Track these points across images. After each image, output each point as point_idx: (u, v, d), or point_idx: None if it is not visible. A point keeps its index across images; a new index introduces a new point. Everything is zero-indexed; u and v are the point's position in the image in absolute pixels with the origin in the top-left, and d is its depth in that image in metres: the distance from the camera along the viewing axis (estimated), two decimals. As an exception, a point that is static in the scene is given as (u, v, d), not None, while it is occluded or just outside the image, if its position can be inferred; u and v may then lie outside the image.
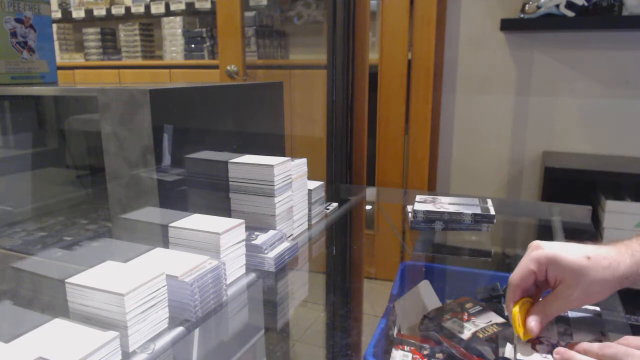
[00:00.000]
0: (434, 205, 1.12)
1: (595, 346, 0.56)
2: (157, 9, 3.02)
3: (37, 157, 1.27)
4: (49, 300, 0.63)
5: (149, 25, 3.22)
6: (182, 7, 2.96)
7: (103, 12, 3.20)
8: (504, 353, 0.62)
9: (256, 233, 0.89)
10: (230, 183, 0.94)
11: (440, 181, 2.35)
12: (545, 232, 1.22)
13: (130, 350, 0.60)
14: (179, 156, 0.93)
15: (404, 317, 0.71)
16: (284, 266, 0.88)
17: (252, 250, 0.85)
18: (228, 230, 0.77)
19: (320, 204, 1.13)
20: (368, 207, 1.51)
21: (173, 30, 3.02)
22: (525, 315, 0.61)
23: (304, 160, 1.02)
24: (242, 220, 0.81)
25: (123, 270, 0.64)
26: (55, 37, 3.34)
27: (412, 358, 0.62)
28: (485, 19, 2.12)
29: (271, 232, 0.90)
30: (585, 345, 0.57)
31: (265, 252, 0.86)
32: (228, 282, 0.78)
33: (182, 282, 0.66)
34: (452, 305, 0.71)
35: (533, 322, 0.60)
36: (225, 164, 0.94)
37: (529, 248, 0.64)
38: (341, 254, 1.13)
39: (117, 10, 3.14)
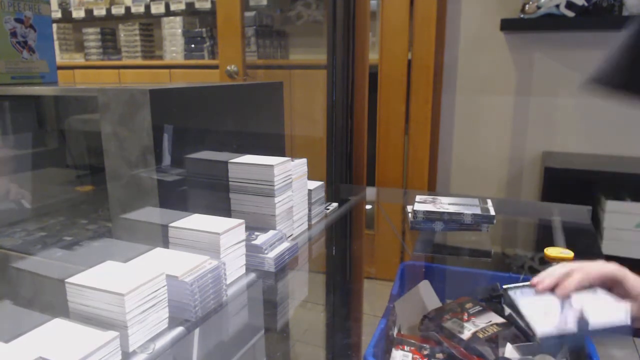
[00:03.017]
0: (434, 205, 1.12)
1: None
2: (157, 9, 3.02)
3: (37, 157, 1.27)
4: (49, 300, 0.63)
5: (149, 25, 3.22)
6: (182, 7, 2.96)
7: (103, 12, 3.20)
8: (504, 353, 0.62)
9: (256, 233, 0.89)
10: (230, 183, 0.94)
11: (440, 181, 2.35)
12: (545, 232, 1.22)
13: (130, 350, 0.60)
14: (179, 156, 0.93)
15: (404, 317, 0.71)
16: (284, 266, 0.88)
17: (252, 251, 0.85)
18: (228, 231, 0.77)
19: (320, 204, 1.13)
20: (368, 207, 1.51)
21: (173, 30, 3.02)
22: None
23: (304, 160, 1.02)
24: (242, 221, 0.81)
25: (123, 270, 0.64)
26: (55, 37, 3.33)
27: (412, 358, 0.62)
28: (485, 19, 2.12)
29: (271, 232, 0.90)
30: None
31: (265, 252, 0.86)
32: (228, 282, 0.78)
33: (182, 282, 0.66)
34: (452, 305, 0.71)
35: None
36: (225, 164, 0.94)
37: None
38: (341, 254, 1.13)
39: (117, 10, 3.14)
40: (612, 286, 0.65)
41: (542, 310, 0.61)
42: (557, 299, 0.63)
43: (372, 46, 2.35)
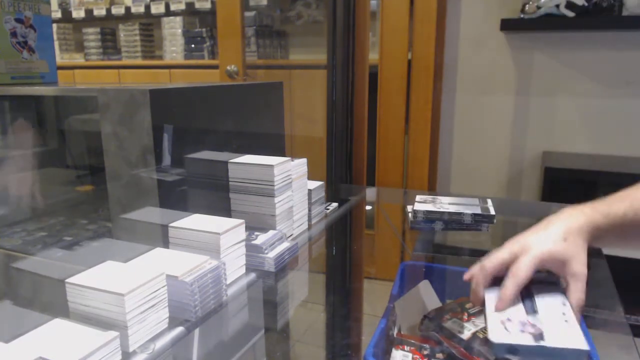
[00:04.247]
0: (434, 205, 1.12)
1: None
2: (157, 9, 3.02)
3: (37, 157, 1.27)
4: (49, 300, 0.63)
5: (149, 25, 3.22)
6: (182, 7, 2.96)
7: (103, 12, 3.20)
8: (504, 353, 0.62)
9: (256, 233, 0.89)
10: (230, 183, 0.94)
11: (440, 181, 2.35)
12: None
13: (130, 350, 0.60)
14: (179, 156, 0.93)
15: (404, 317, 0.71)
16: (284, 266, 0.88)
17: (252, 250, 0.85)
18: (228, 231, 0.77)
19: (320, 204, 1.13)
20: (368, 207, 1.51)
21: (173, 30, 3.02)
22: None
23: (304, 160, 1.02)
24: (242, 220, 0.81)
25: (123, 270, 0.64)
26: (55, 37, 3.33)
27: (412, 358, 0.62)
28: (485, 19, 2.12)
29: (271, 232, 0.90)
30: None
31: (265, 252, 0.86)
32: (228, 282, 0.78)
33: (182, 282, 0.66)
34: (452, 305, 0.71)
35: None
36: (225, 164, 0.94)
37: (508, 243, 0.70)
38: (341, 254, 1.13)
39: (117, 10, 3.14)
40: (560, 267, 0.65)
41: (505, 317, 0.61)
42: (523, 309, 0.63)
43: (372, 46, 2.35)
